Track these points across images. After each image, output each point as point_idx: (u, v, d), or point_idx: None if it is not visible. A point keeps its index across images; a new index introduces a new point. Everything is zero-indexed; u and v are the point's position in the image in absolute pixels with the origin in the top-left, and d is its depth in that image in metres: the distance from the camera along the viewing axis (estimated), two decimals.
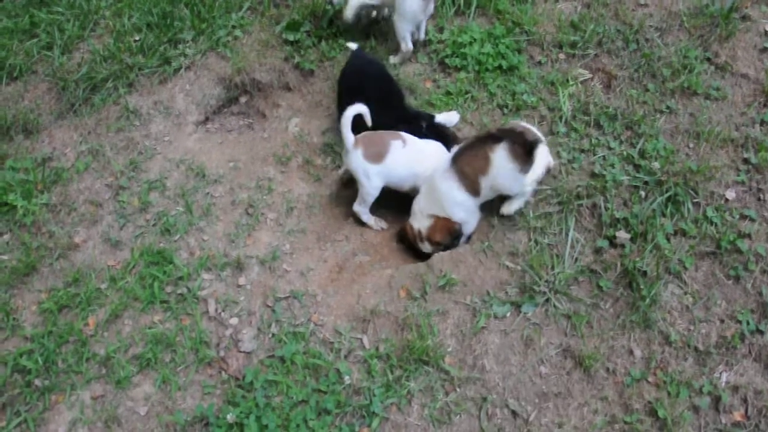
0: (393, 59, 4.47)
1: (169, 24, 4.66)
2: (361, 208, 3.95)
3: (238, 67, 4.50)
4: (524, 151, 3.32)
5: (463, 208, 3.63)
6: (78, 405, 3.17)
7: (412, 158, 3.80)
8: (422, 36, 4.50)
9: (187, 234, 3.80)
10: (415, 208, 3.79)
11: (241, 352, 3.31)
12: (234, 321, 3.43)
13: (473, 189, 3.54)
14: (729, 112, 3.95)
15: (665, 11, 4.46)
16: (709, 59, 4.18)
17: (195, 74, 4.53)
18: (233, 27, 4.71)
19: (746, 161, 3.71)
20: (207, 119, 4.53)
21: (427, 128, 3.98)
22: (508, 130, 3.45)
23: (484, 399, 3.13)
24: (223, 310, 3.47)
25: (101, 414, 3.14)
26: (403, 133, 3.84)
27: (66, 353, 3.33)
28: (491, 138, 3.44)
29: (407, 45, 4.37)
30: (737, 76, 4.11)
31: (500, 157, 3.39)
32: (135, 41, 4.61)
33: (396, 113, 3.99)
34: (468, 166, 3.50)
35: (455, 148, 3.64)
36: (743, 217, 3.53)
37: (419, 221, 3.74)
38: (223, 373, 3.25)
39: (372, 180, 3.78)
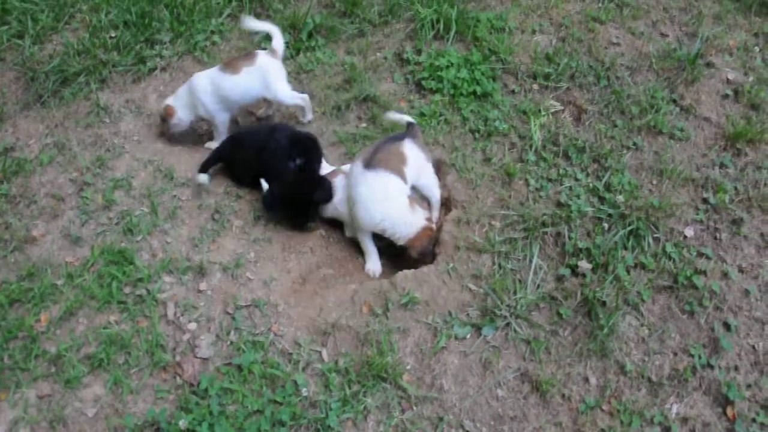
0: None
1: (147, 24, 4.62)
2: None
3: None
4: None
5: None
6: (22, 403, 3.06)
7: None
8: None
9: (150, 235, 3.73)
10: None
11: (197, 357, 3.25)
12: (192, 326, 3.36)
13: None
14: (691, 152, 4.08)
15: (636, 51, 4.62)
16: (674, 101, 4.33)
17: (170, 76, 4.50)
18: (212, 32, 4.70)
19: (705, 201, 3.84)
20: None
21: None
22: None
23: (441, 419, 3.13)
24: (182, 315, 3.40)
25: (47, 414, 3.03)
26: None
27: (13, 349, 3.22)
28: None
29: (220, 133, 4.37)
30: (700, 118, 4.27)
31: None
32: (111, 38, 4.56)
33: None
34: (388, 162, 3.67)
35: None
36: (700, 254, 3.63)
37: None
38: (177, 378, 3.18)
39: None
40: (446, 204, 4.08)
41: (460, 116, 4.34)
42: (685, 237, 3.70)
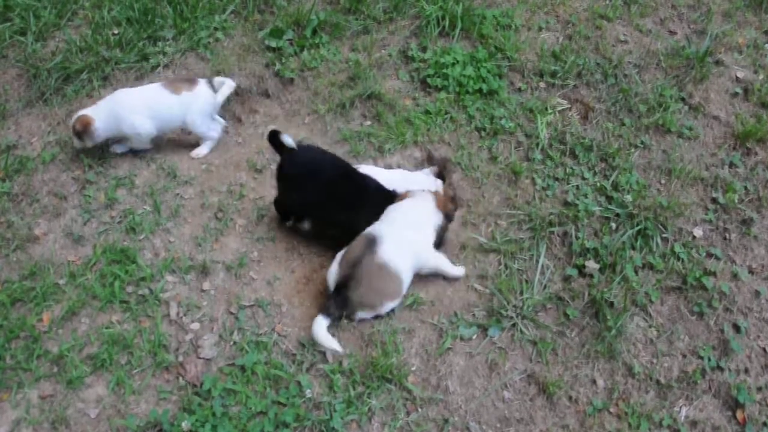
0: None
1: (150, 20, 4.59)
2: None
3: (217, 70, 4.44)
4: None
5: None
6: (24, 404, 3.03)
7: None
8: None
9: (153, 234, 3.70)
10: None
11: (200, 358, 3.21)
12: (195, 326, 3.33)
13: None
14: (700, 151, 4.04)
15: (644, 49, 4.57)
16: (683, 99, 4.29)
17: (173, 73, 4.45)
18: (215, 29, 4.66)
19: (714, 201, 3.79)
20: None
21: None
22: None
23: (446, 421, 3.09)
24: (185, 315, 3.37)
25: (49, 414, 3.00)
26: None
27: (15, 349, 3.19)
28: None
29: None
30: (709, 117, 4.22)
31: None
32: (113, 35, 4.52)
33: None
34: None
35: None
36: (709, 255, 3.59)
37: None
38: (180, 379, 3.15)
39: None
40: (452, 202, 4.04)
41: (465, 114, 4.29)
42: (694, 237, 3.66)
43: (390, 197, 3.64)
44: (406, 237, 3.40)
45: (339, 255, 3.41)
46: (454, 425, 3.08)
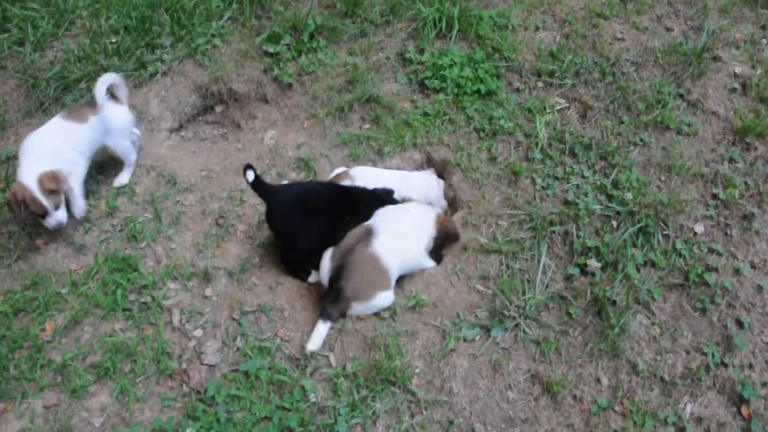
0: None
1: (148, 28, 4.59)
2: None
3: (215, 76, 4.45)
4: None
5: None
6: (28, 414, 3.03)
7: None
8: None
9: (155, 242, 3.70)
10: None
11: (204, 364, 3.21)
12: (198, 333, 3.33)
13: None
14: (699, 147, 4.03)
15: (641, 47, 4.56)
16: (681, 95, 4.28)
17: (171, 80, 4.46)
18: (213, 35, 4.66)
19: (715, 197, 3.79)
20: (181, 126, 4.46)
21: None
22: None
23: (451, 422, 3.09)
24: (188, 321, 3.37)
25: (53, 424, 3.00)
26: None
27: (19, 359, 3.20)
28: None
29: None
30: (708, 113, 4.22)
31: None
32: (111, 43, 4.53)
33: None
34: None
35: None
36: (711, 251, 3.59)
37: None
38: (184, 385, 3.15)
39: None
40: (452, 204, 4.04)
41: (464, 115, 4.29)
42: (696, 233, 3.65)
43: (385, 194, 3.71)
44: (400, 237, 3.48)
45: (328, 251, 3.45)
46: (459, 427, 3.08)
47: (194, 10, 4.71)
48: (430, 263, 3.66)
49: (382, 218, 3.57)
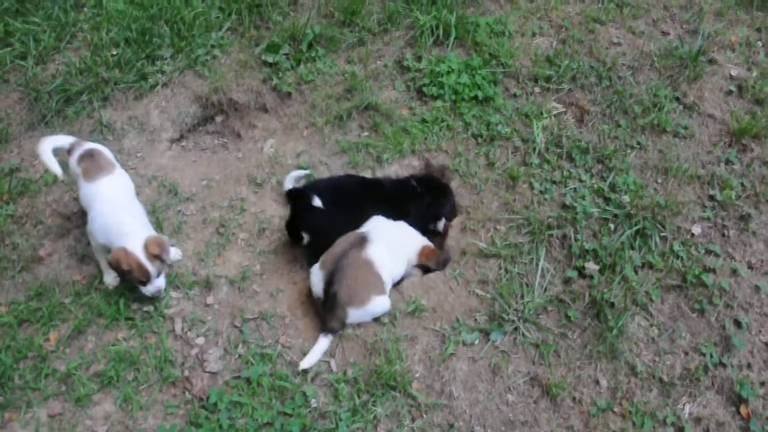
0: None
1: (148, 40, 4.64)
2: None
3: (215, 87, 4.49)
4: None
5: None
6: (33, 423, 3.07)
7: None
8: None
9: None
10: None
11: (206, 372, 3.25)
12: (200, 340, 3.37)
13: None
14: (696, 150, 4.06)
15: (637, 51, 4.60)
16: (677, 98, 4.31)
17: (171, 91, 4.51)
18: (212, 46, 4.71)
19: (712, 198, 3.81)
20: (182, 137, 4.50)
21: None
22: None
23: (451, 426, 3.11)
24: (190, 329, 3.41)
25: None
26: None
27: (24, 369, 3.23)
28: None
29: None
30: (704, 116, 4.24)
31: None
32: (112, 56, 4.58)
33: None
34: None
35: None
36: (708, 252, 3.61)
37: None
38: (187, 393, 3.18)
39: None
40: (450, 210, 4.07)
41: (462, 121, 4.33)
42: (693, 235, 3.67)
43: (410, 187, 4.02)
44: (390, 249, 3.56)
45: (317, 264, 3.51)
46: (459, 430, 3.10)
47: (194, 21, 4.77)
48: (416, 271, 3.76)
49: (375, 227, 3.63)
